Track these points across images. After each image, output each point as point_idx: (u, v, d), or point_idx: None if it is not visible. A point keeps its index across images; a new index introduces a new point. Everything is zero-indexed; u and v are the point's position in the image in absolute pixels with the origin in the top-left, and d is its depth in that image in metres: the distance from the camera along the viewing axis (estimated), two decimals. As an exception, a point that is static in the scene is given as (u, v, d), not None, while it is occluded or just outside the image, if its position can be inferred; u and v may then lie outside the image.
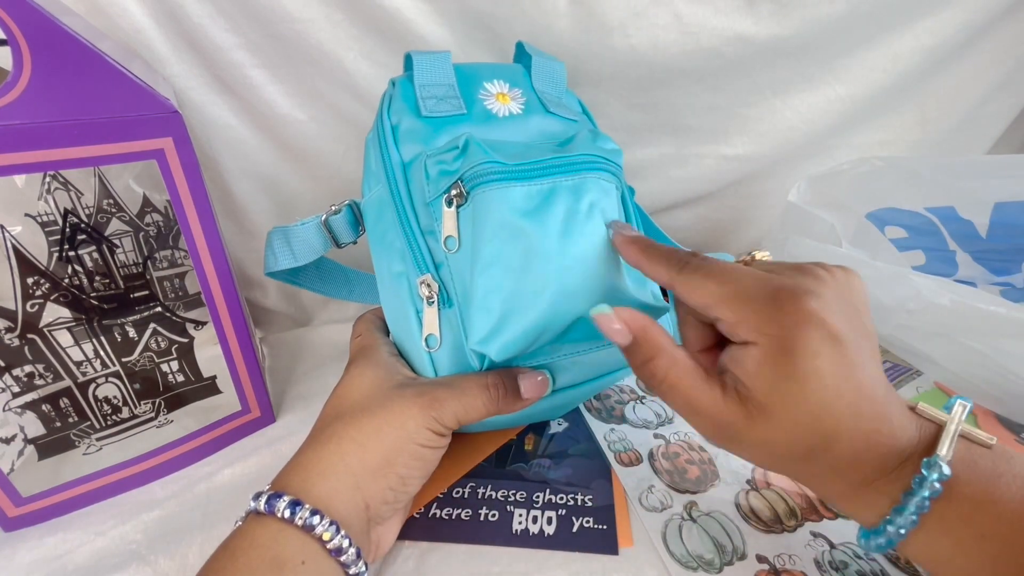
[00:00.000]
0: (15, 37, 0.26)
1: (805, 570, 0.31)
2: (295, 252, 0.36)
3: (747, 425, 0.23)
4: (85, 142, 0.30)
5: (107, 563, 0.32)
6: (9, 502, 0.33)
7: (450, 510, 0.35)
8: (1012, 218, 0.49)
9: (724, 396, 0.24)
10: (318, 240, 0.36)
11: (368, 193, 0.36)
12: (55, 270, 0.33)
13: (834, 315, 0.23)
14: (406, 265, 0.33)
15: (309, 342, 0.54)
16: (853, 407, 0.22)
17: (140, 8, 0.41)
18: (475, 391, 0.31)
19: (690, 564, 0.31)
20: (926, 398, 0.40)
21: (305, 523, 0.25)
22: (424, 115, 0.34)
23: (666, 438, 0.41)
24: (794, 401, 0.22)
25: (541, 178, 0.30)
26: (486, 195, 0.30)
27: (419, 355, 0.33)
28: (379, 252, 0.35)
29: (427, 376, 0.33)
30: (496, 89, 0.37)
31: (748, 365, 0.23)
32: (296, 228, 0.36)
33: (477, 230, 0.30)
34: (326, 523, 0.25)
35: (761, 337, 0.23)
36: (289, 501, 0.25)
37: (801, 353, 0.22)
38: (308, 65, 0.45)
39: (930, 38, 0.52)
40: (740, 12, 0.47)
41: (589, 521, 0.34)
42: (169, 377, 0.38)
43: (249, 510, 0.27)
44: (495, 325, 0.29)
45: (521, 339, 0.30)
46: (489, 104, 0.36)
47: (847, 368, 0.22)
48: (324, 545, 0.25)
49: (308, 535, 0.25)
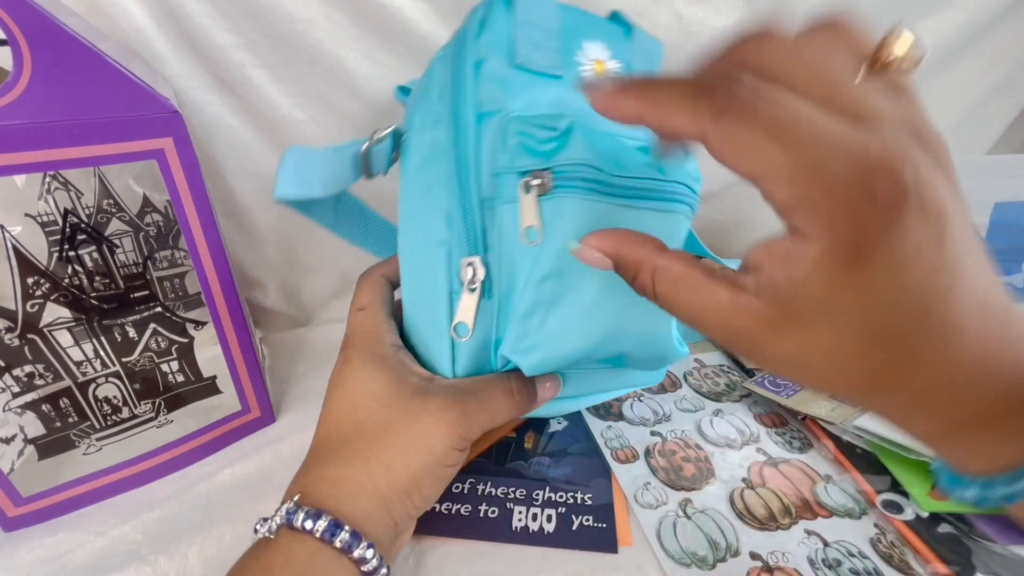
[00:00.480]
0: (15, 37, 0.26)
1: (798, 567, 0.31)
2: (321, 181, 0.32)
3: (771, 337, 0.18)
4: (85, 142, 0.30)
5: (107, 563, 0.32)
6: (9, 502, 0.33)
7: (449, 505, 0.35)
8: (1012, 218, 0.49)
9: (735, 298, 0.18)
10: (350, 171, 0.32)
11: (418, 128, 0.31)
12: (55, 270, 0.33)
13: (935, 186, 0.16)
14: (452, 235, 0.29)
15: (309, 342, 0.54)
16: (961, 316, 0.16)
17: (140, 8, 0.41)
18: (502, 399, 0.30)
19: (684, 561, 0.31)
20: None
21: (344, 545, 0.25)
22: (518, 63, 0.29)
23: (663, 435, 0.41)
24: (860, 308, 0.16)
25: (636, 200, 0.28)
26: (573, 202, 0.27)
27: (439, 342, 0.30)
28: (416, 206, 0.31)
29: (440, 370, 0.31)
30: (595, 53, 0.32)
31: (798, 268, 0.16)
32: (327, 154, 0.31)
33: (552, 230, 0.27)
34: (364, 546, 0.25)
35: (832, 234, 0.16)
36: (330, 522, 0.25)
37: (888, 259, 0.16)
38: (308, 65, 0.45)
39: (930, 38, 0.52)
40: (740, 12, 0.47)
41: (588, 519, 0.34)
42: (169, 377, 0.38)
43: (281, 522, 0.25)
44: (538, 341, 0.28)
45: (560, 362, 0.29)
46: (585, 71, 0.32)
47: (955, 265, 0.16)
48: (359, 567, 0.25)
49: (346, 557, 0.25)
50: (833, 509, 0.34)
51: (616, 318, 0.29)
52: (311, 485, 0.27)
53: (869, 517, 0.34)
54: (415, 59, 0.46)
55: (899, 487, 0.35)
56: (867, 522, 0.33)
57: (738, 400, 0.44)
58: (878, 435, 0.36)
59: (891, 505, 0.34)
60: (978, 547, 0.31)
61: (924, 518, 0.33)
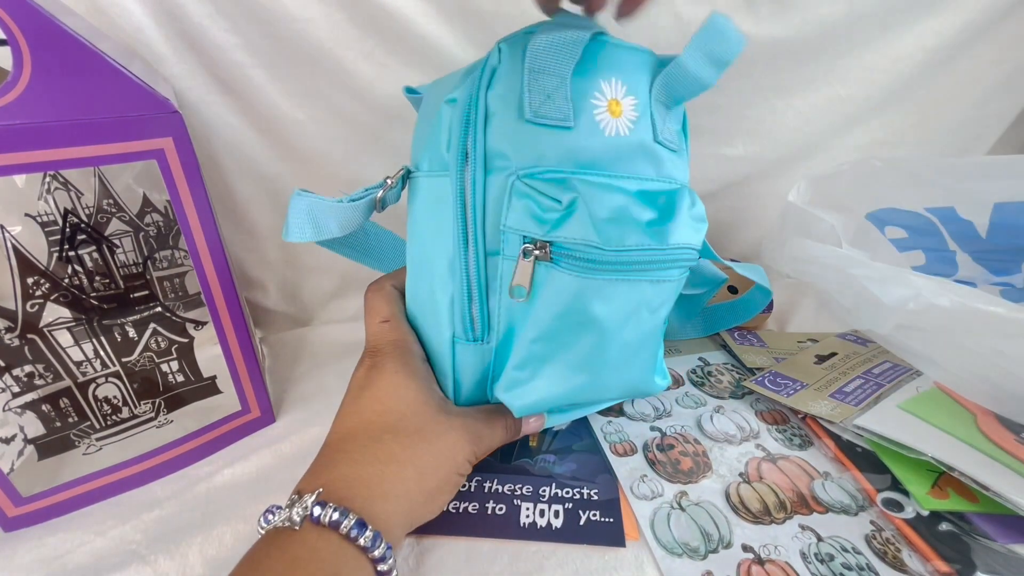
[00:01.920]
0: (15, 37, 0.26)
1: (790, 560, 0.31)
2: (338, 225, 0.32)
3: None
4: (85, 142, 0.30)
5: (107, 563, 0.32)
6: (9, 502, 0.33)
7: (457, 503, 0.35)
8: (1012, 218, 0.49)
9: None
10: (365, 213, 0.33)
11: (427, 171, 0.32)
12: (55, 270, 0.33)
13: None
14: (454, 283, 0.31)
15: (309, 342, 0.54)
16: None
17: (140, 8, 0.41)
18: (500, 430, 0.34)
19: (675, 550, 0.31)
20: (926, 398, 0.40)
21: (367, 544, 0.25)
22: (527, 118, 0.29)
23: (662, 430, 0.41)
24: None
25: (630, 275, 0.29)
26: (568, 277, 0.29)
27: (443, 376, 0.34)
28: (423, 244, 0.33)
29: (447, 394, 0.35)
30: (611, 92, 0.30)
31: None
32: (341, 205, 0.32)
33: (545, 297, 0.30)
34: (383, 547, 0.26)
35: None
36: (356, 520, 0.25)
37: None
38: (308, 65, 0.45)
39: (930, 38, 0.52)
40: (740, 12, 0.47)
41: (595, 514, 0.34)
42: (169, 377, 0.38)
43: (304, 514, 0.26)
44: (527, 390, 0.32)
45: (545, 407, 0.34)
46: (599, 115, 0.30)
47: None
48: (375, 566, 0.26)
49: (365, 556, 0.25)
50: (829, 505, 0.34)
51: (599, 376, 0.32)
52: (337, 482, 0.27)
53: (865, 514, 0.34)
54: (415, 59, 0.46)
55: (899, 486, 0.35)
56: (863, 519, 0.33)
57: (740, 397, 0.44)
58: (878, 434, 0.36)
59: (891, 503, 0.34)
60: (978, 545, 0.31)
61: (924, 516, 0.33)
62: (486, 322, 0.32)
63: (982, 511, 0.33)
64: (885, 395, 0.41)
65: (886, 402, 0.40)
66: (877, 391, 0.41)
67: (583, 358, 0.31)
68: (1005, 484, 0.32)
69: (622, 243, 0.28)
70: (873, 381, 0.43)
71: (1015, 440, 0.36)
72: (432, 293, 0.33)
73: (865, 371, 0.44)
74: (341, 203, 0.32)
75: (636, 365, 0.34)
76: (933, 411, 0.38)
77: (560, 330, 0.30)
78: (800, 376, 0.44)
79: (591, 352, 0.31)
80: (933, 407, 0.39)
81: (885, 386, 0.42)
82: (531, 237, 0.29)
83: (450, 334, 0.33)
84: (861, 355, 0.47)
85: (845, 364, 0.45)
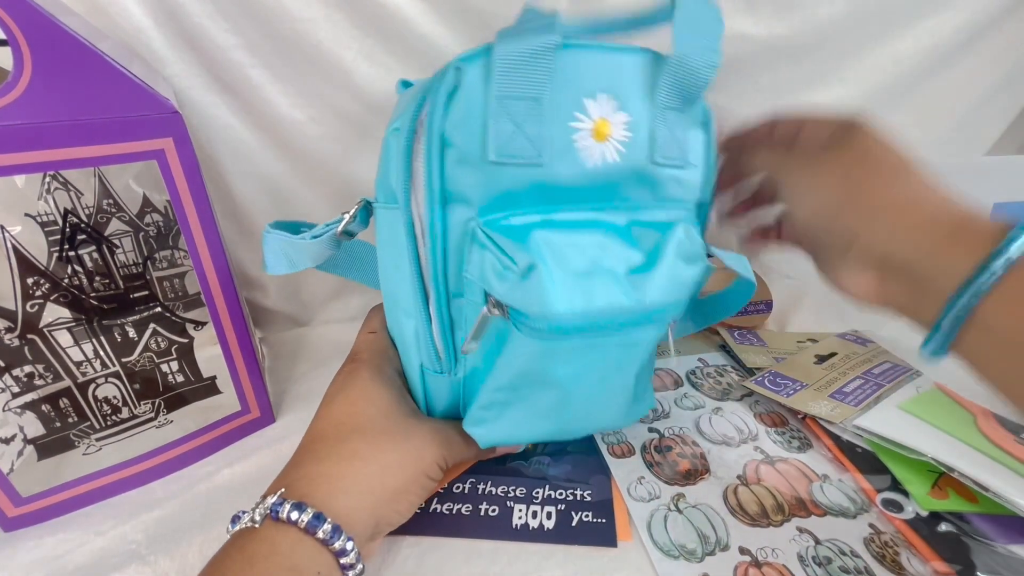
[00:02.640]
0: (15, 37, 0.26)
1: (788, 564, 0.31)
2: (310, 258, 0.33)
3: None
4: (85, 142, 0.30)
5: (107, 563, 0.32)
6: (9, 502, 0.33)
7: (451, 505, 0.35)
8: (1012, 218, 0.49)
9: None
10: (332, 245, 0.34)
11: (383, 201, 0.31)
12: (55, 270, 0.33)
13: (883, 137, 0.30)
14: (417, 317, 0.30)
15: (309, 342, 0.54)
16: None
17: (140, 8, 0.41)
18: (473, 445, 0.34)
19: (672, 553, 0.31)
20: (926, 398, 0.40)
21: (326, 537, 0.26)
22: (491, 160, 0.25)
23: (660, 432, 0.41)
24: None
25: (599, 339, 0.27)
26: (529, 341, 0.26)
27: (416, 395, 0.35)
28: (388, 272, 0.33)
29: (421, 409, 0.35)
30: (598, 111, 0.26)
31: None
32: (306, 242, 0.32)
33: (505, 353, 0.29)
34: (344, 539, 0.26)
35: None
36: (313, 514, 0.26)
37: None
38: (308, 65, 0.45)
39: (930, 38, 0.52)
40: (740, 12, 0.47)
41: (588, 515, 0.34)
42: (169, 377, 0.38)
43: (265, 512, 0.26)
44: (492, 428, 0.32)
45: (511, 442, 0.35)
46: (580, 143, 0.26)
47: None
48: (338, 560, 0.26)
49: (325, 548, 0.26)
50: (827, 508, 0.34)
51: (566, 422, 0.33)
52: (300, 480, 0.28)
53: (864, 517, 0.34)
54: (415, 59, 0.46)
55: (899, 486, 0.35)
56: (862, 522, 0.33)
57: (739, 399, 0.44)
58: (878, 434, 0.36)
59: (891, 504, 0.34)
60: (978, 546, 0.31)
61: (924, 517, 0.33)
62: (452, 357, 0.32)
63: (982, 512, 0.33)
64: (885, 395, 0.41)
65: (886, 402, 0.40)
66: (877, 391, 0.41)
67: (547, 409, 0.31)
68: (1005, 484, 0.32)
69: (589, 304, 0.25)
70: (873, 381, 0.43)
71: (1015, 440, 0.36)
72: (399, 323, 0.33)
73: (865, 371, 0.44)
74: (304, 240, 0.32)
75: (607, 412, 0.34)
76: (933, 411, 0.38)
77: (521, 385, 0.30)
78: (800, 376, 0.44)
79: (555, 405, 0.31)
80: (933, 407, 0.39)
81: (885, 386, 0.42)
82: (489, 295, 0.26)
83: (419, 363, 0.33)
84: (861, 355, 0.47)
85: (845, 364, 0.46)
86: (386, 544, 0.33)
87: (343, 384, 0.33)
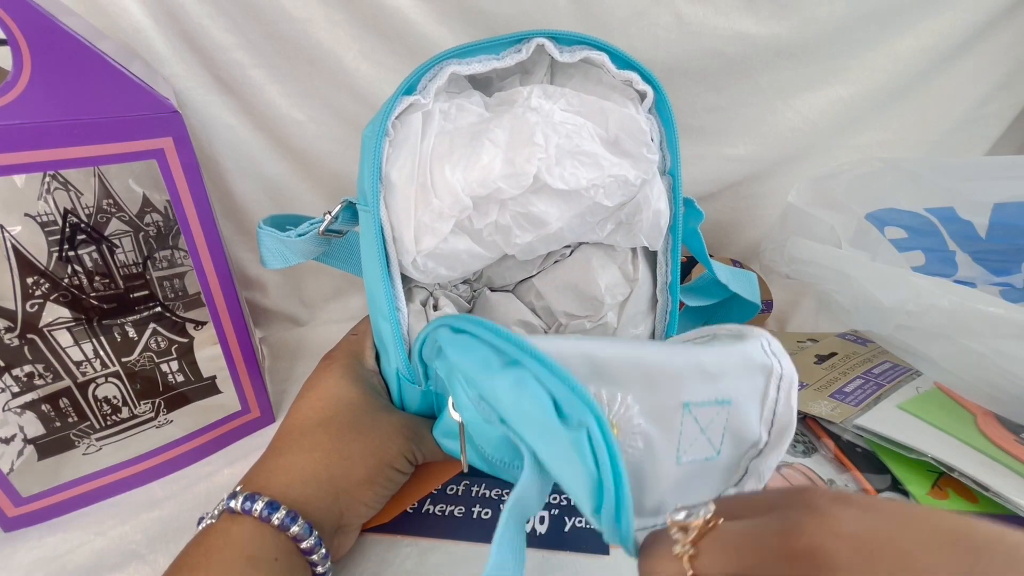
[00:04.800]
0: (15, 37, 0.26)
1: None
2: (302, 254, 0.34)
3: None
4: (85, 142, 0.30)
5: (107, 563, 0.32)
6: (9, 502, 0.33)
7: (444, 507, 0.35)
8: (1012, 219, 0.49)
9: None
10: (314, 244, 0.34)
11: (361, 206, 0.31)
12: (55, 270, 0.33)
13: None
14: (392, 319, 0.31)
15: (309, 342, 0.54)
16: None
17: (140, 8, 0.41)
18: None
19: None
20: (926, 398, 0.40)
21: (281, 523, 0.26)
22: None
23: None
24: None
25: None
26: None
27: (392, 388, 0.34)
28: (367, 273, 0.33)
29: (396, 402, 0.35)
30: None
31: None
32: (294, 240, 0.33)
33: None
34: (301, 524, 0.26)
35: None
36: (267, 502, 0.26)
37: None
38: (308, 65, 0.45)
39: (930, 38, 0.52)
40: (741, 12, 0.47)
41: (581, 521, 0.34)
42: (169, 377, 0.38)
43: (222, 508, 0.27)
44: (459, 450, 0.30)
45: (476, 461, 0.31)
46: None
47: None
48: (298, 544, 0.26)
49: (283, 534, 0.26)
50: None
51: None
52: (260, 474, 0.29)
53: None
54: (415, 59, 0.46)
55: (899, 485, 0.35)
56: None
57: (738, 400, 0.44)
58: (878, 434, 0.36)
59: (891, 505, 0.34)
60: (978, 547, 0.31)
61: (924, 518, 0.33)
62: (424, 369, 0.31)
63: (982, 512, 0.33)
64: (885, 395, 0.41)
65: (886, 402, 0.40)
66: (877, 391, 0.41)
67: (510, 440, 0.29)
68: (1005, 484, 0.32)
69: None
70: (873, 381, 0.43)
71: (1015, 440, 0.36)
72: (378, 324, 0.33)
73: (865, 371, 0.44)
74: (289, 238, 0.33)
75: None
76: (933, 411, 0.38)
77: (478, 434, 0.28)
78: (800, 376, 0.44)
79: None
80: (933, 407, 0.39)
81: (885, 386, 0.42)
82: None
83: (395, 367, 0.33)
84: (861, 355, 0.47)
85: (845, 364, 0.45)
86: (386, 544, 0.33)
87: (315, 381, 0.34)
